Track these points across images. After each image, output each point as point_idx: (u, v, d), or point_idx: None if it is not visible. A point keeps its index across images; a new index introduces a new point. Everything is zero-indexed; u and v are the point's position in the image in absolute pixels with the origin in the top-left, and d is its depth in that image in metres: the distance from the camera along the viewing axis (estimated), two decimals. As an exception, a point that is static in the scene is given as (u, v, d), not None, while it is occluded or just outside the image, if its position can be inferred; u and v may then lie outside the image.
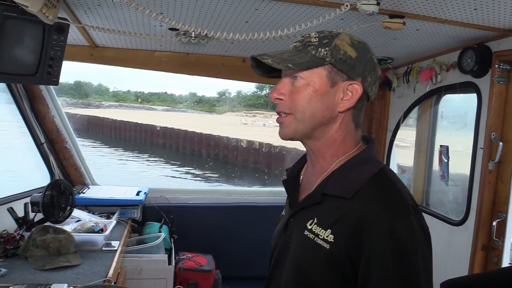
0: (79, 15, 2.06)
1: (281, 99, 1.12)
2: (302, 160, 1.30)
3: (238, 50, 2.85)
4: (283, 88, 1.12)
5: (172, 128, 27.49)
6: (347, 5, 1.65)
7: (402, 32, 2.10)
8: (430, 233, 1.05)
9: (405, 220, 0.99)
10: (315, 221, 1.08)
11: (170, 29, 2.24)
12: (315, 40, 1.10)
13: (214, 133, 24.11)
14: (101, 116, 34.15)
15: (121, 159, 23.07)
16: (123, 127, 31.28)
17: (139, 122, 30.01)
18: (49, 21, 1.65)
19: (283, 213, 1.32)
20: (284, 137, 1.16)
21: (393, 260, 0.96)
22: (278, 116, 1.15)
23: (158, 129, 28.09)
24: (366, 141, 1.19)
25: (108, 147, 26.91)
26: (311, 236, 1.07)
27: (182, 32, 2.26)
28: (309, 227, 1.09)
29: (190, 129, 25.88)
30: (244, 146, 21.47)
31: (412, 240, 0.98)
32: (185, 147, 25.65)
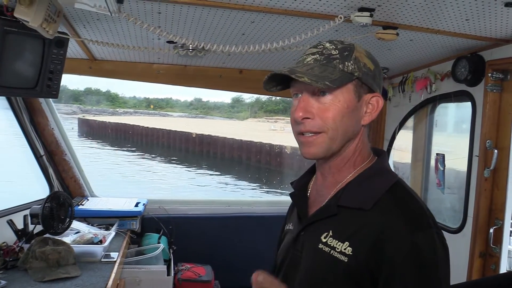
0: (79, 30, 2.10)
1: (309, 118, 1.07)
2: (310, 173, 1.29)
3: (235, 62, 2.88)
4: (309, 105, 1.07)
5: (209, 135, 27.59)
6: (341, 17, 1.69)
7: (396, 42, 2.14)
8: (447, 245, 1.04)
9: (426, 232, 0.98)
10: (331, 233, 1.06)
11: (167, 42, 2.27)
12: (335, 53, 1.08)
13: (255, 140, 24.32)
14: (131, 123, 34.83)
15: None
16: (155, 134, 31.60)
17: (172, 129, 30.29)
18: (49, 36, 1.68)
19: (290, 227, 1.28)
20: (313, 156, 1.10)
21: (415, 273, 0.95)
22: (301, 135, 1.09)
23: (193, 136, 28.25)
24: (376, 153, 1.19)
25: (153, 157, 27.00)
26: (327, 249, 1.05)
27: (179, 45, 2.29)
28: (324, 240, 1.06)
29: (228, 136, 25.95)
30: (288, 153, 21.61)
31: (434, 252, 0.97)
32: (223, 153, 25.68)
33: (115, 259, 2.36)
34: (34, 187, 3.20)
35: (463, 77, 2.28)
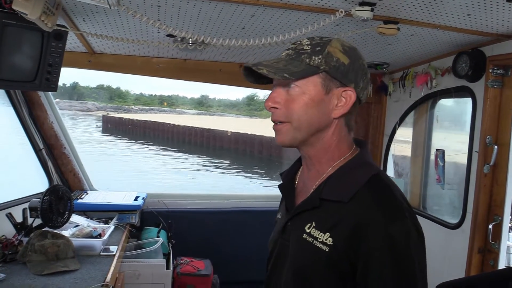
0: (78, 22, 2.09)
1: (276, 108, 1.13)
2: (297, 164, 1.32)
3: (235, 56, 2.87)
4: (278, 97, 1.13)
5: (245, 133, 27.53)
6: (341, 12, 1.68)
7: (397, 37, 2.13)
8: (424, 234, 1.08)
9: (401, 223, 1.02)
10: (314, 224, 1.11)
11: (167, 35, 2.26)
12: (307, 48, 1.12)
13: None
14: (160, 121, 35.48)
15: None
16: (187, 132, 31.74)
17: (206, 127, 30.54)
18: (47, 28, 1.67)
19: (279, 216, 1.34)
20: (281, 143, 1.17)
21: (390, 262, 0.99)
22: (273, 124, 1.16)
23: (229, 134, 28.34)
24: (359, 144, 1.22)
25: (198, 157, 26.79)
26: (310, 239, 1.09)
27: (179, 39, 2.28)
28: (308, 231, 1.11)
29: (266, 135, 25.82)
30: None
31: (408, 242, 1.01)
32: (261, 151, 25.68)
33: (114, 253, 2.36)
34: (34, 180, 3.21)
35: (463, 72, 2.27)
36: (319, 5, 1.69)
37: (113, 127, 38.71)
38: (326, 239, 1.06)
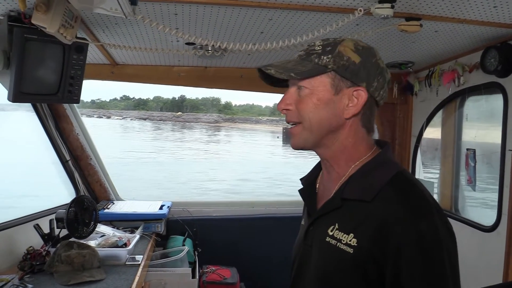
0: (98, 34, 2.11)
1: (289, 109, 1.15)
2: (317, 168, 1.31)
3: (255, 61, 2.85)
4: (289, 98, 1.14)
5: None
6: (360, 10, 1.63)
7: (420, 34, 2.06)
8: (454, 231, 1.04)
9: (429, 220, 0.98)
10: (336, 226, 1.08)
11: (186, 43, 2.26)
12: (318, 48, 1.12)
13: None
14: None
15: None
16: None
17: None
18: (67, 41, 1.69)
19: (302, 222, 1.32)
20: (295, 146, 1.17)
21: (420, 261, 0.96)
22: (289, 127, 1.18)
23: None
24: (380, 145, 1.19)
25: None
26: (333, 242, 1.07)
27: (198, 46, 2.28)
28: (331, 233, 1.09)
29: None
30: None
31: (437, 239, 0.97)
32: None
33: (139, 262, 2.37)
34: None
35: (493, 68, 2.18)
36: (337, 4, 1.65)
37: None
38: (350, 240, 1.03)
